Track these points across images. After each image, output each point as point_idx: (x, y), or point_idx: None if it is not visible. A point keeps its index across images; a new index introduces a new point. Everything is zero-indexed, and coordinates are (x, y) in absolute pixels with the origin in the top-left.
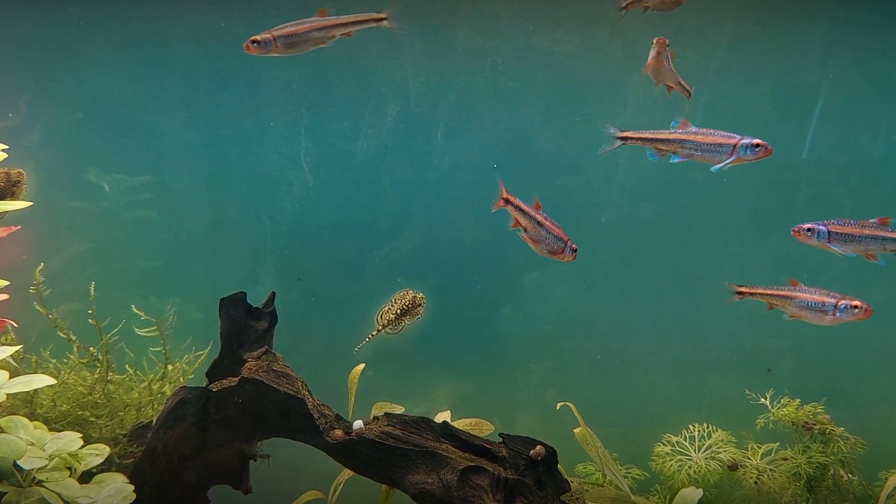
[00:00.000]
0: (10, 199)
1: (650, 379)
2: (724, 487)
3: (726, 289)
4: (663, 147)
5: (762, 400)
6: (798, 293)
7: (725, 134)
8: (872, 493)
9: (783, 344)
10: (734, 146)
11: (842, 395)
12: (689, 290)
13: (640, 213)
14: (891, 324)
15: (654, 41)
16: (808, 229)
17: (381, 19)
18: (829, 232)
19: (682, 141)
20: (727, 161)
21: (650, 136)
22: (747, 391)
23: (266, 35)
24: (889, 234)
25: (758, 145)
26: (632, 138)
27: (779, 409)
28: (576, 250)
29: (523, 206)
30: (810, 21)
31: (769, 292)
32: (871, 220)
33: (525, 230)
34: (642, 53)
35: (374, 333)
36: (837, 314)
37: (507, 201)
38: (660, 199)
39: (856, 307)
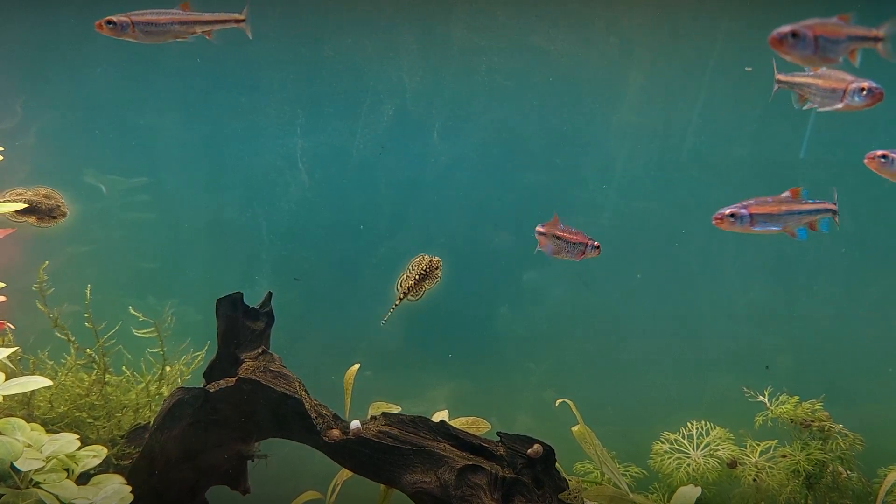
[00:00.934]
0: (47, 221)
1: (648, 377)
2: (722, 485)
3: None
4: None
5: (760, 398)
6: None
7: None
8: (871, 489)
9: (781, 341)
10: (844, 90)
11: (840, 392)
12: (687, 289)
13: (637, 211)
14: (889, 320)
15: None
16: (731, 214)
17: (240, 20)
18: (750, 215)
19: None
20: (837, 106)
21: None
22: (745, 389)
23: (124, 18)
24: (805, 207)
25: (865, 90)
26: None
27: (777, 406)
28: (598, 246)
29: (557, 233)
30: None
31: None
32: (784, 195)
33: (543, 246)
34: (639, 51)
35: (396, 303)
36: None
37: (556, 238)
38: (658, 197)
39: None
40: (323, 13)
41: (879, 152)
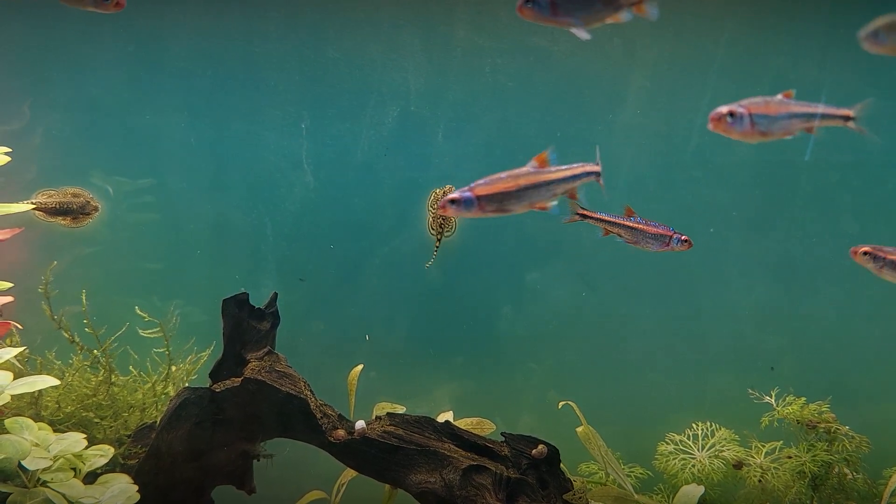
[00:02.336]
0: (81, 220)
1: (653, 378)
2: (727, 486)
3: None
4: None
5: (767, 398)
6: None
7: None
8: (877, 491)
9: (785, 342)
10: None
11: (844, 392)
12: (690, 289)
13: (640, 211)
14: (893, 320)
15: None
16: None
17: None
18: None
19: None
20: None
21: None
22: (751, 390)
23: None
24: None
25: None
26: None
27: (784, 407)
28: (686, 240)
29: (604, 217)
30: (809, 20)
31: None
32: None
33: (620, 236)
34: (642, 52)
35: (436, 247)
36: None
37: (583, 216)
38: (660, 198)
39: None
40: (326, 14)
41: (724, 109)
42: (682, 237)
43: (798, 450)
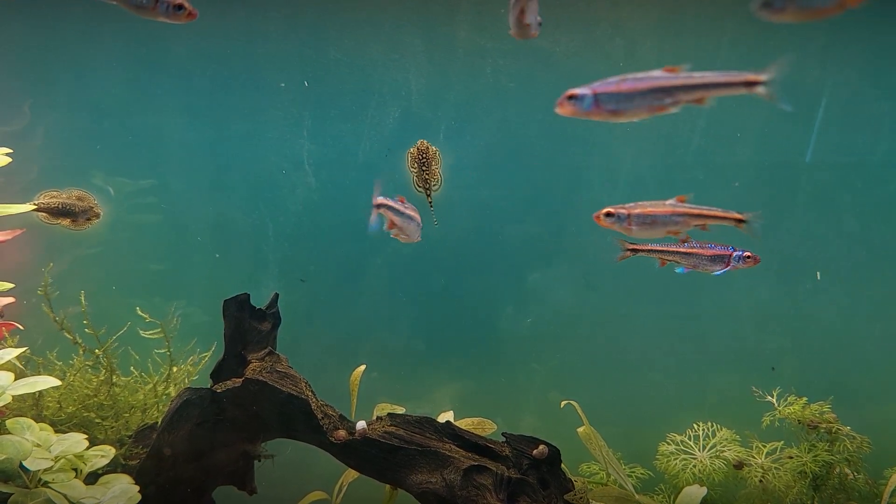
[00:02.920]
0: (82, 224)
1: (653, 378)
2: (728, 486)
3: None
4: None
5: (769, 398)
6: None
7: None
8: (878, 491)
9: (786, 342)
10: None
11: (845, 392)
12: (691, 289)
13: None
14: (894, 321)
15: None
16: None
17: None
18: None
19: None
20: None
21: None
22: (754, 388)
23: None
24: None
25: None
26: None
27: (785, 407)
28: (750, 256)
29: (657, 248)
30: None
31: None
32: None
33: (678, 263)
34: (643, 53)
35: (430, 202)
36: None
37: (634, 251)
38: (661, 198)
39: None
40: (327, 15)
41: (571, 92)
42: (745, 254)
43: (799, 450)
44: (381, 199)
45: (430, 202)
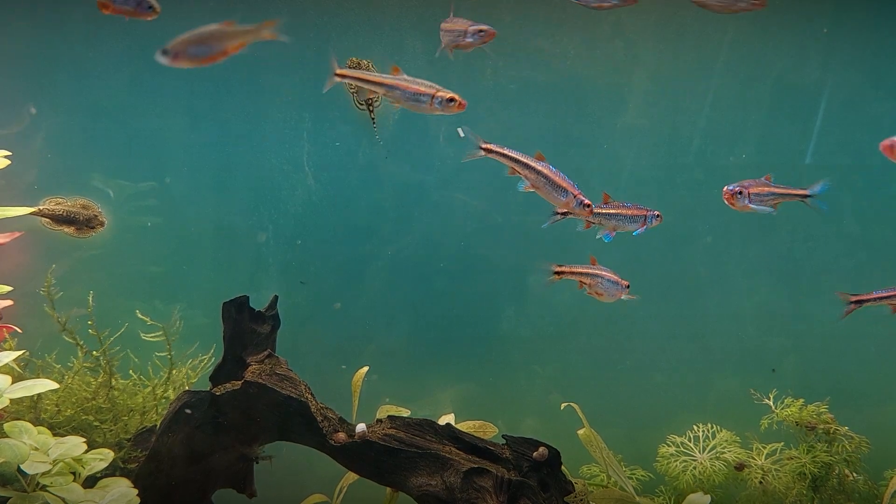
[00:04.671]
0: (85, 232)
1: (654, 380)
2: (729, 488)
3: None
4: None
5: (766, 400)
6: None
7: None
8: (878, 492)
9: (787, 343)
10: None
11: (847, 394)
12: (692, 291)
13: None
14: (893, 322)
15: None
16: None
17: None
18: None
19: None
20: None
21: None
22: (752, 391)
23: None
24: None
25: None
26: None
27: (782, 409)
28: (658, 216)
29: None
30: (811, 21)
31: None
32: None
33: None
34: (644, 54)
35: (373, 119)
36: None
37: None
38: (663, 199)
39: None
40: (328, 17)
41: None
42: (656, 213)
43: (798, 451)
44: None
45: (374, 119)
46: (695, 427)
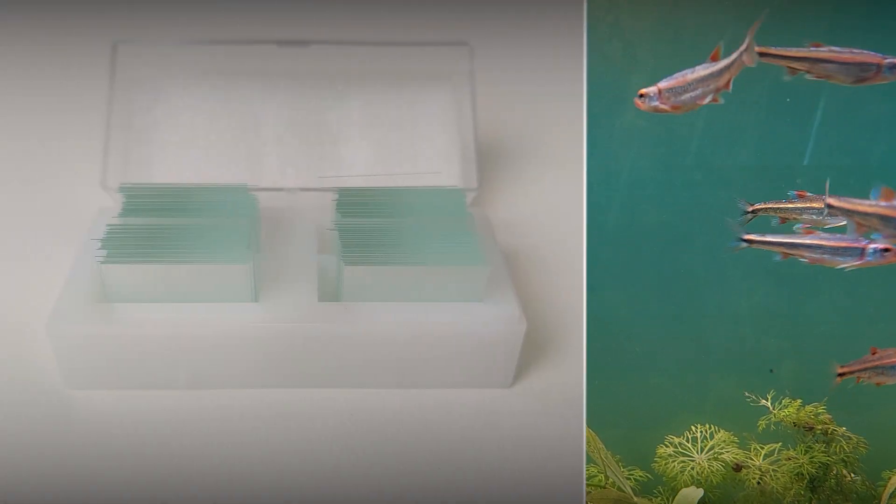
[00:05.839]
0: None
1: (652, 380)
2: (726, 488)
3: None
4: None
5: (763, 401)
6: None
7: None
8: (876, 493)
9: (785, 343)
10: None
11: (846, 394)
12: (690, 291)
13: (641, 213)
14: (894, 322)
15: None
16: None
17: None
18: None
19: None
20: None
21: None
22: (746, 393)
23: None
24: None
25: None
26: None
27: (780, 410)
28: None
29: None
30: (811, 21)
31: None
32: None
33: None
34: (642, 55)
35: None
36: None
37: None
38: (661, 199)
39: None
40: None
41: None
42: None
43: (796, 451)
44: None
45: None
46: (693, 427)
